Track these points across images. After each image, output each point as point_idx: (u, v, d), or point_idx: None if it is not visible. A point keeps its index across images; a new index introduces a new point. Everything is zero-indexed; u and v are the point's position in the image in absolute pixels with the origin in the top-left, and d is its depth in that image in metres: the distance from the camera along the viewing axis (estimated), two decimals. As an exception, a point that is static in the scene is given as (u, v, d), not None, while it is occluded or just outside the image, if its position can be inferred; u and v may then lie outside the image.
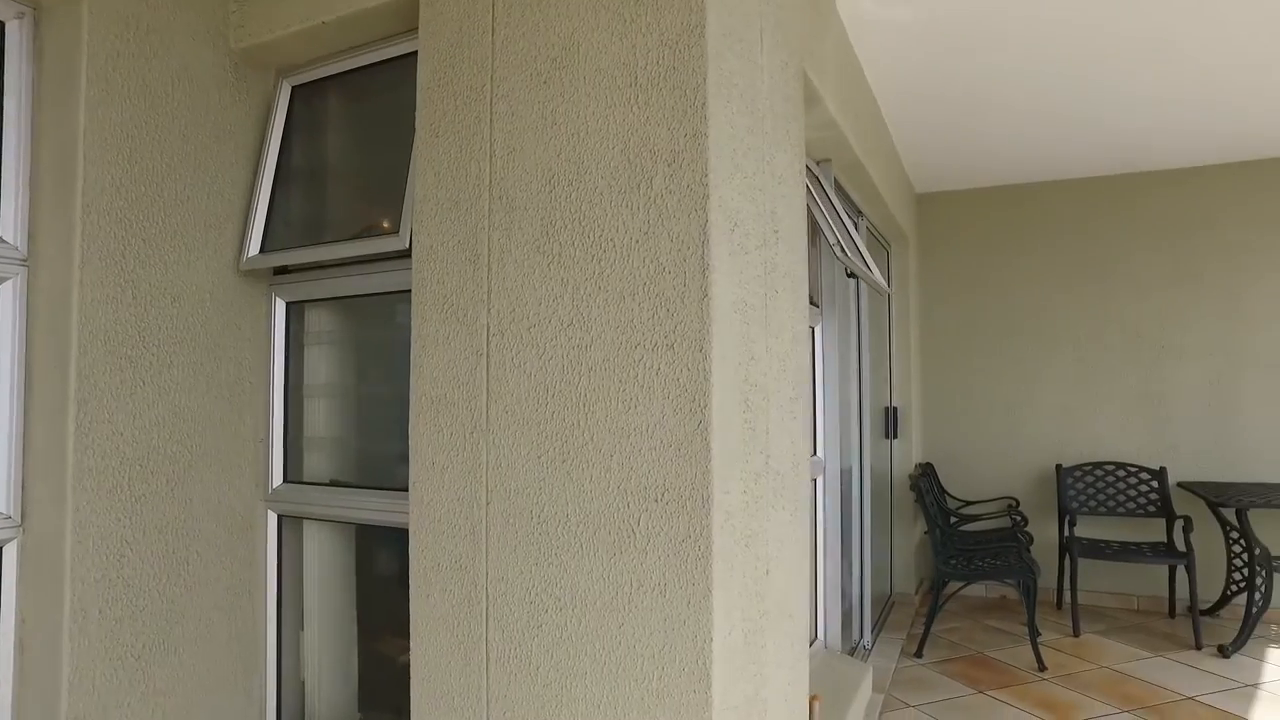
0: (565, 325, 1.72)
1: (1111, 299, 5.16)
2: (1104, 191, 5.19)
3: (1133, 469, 5.01)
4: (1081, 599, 5.04)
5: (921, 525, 5.09)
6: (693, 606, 1.57)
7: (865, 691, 3.25)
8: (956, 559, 4.49)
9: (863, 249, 3.28)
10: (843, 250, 2.41)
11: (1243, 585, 4.41)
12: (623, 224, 1.67)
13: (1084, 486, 5.08)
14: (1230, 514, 4.34)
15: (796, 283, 2.17)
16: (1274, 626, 4.64)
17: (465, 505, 1.82)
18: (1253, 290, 4.86)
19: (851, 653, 4.08)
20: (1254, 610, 4.19)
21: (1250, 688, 3.80)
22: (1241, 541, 4.41)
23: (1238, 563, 4.55)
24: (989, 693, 3.77)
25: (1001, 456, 5.38)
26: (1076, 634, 4.54)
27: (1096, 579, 5.00)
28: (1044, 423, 5.29)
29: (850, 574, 4.29)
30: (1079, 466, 5.11)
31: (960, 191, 5.54)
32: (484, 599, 1.79)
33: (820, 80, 2.66)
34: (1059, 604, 5.03)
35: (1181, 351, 5.00)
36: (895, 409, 5.19)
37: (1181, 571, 4.57)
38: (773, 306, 1.94)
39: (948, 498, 5.39)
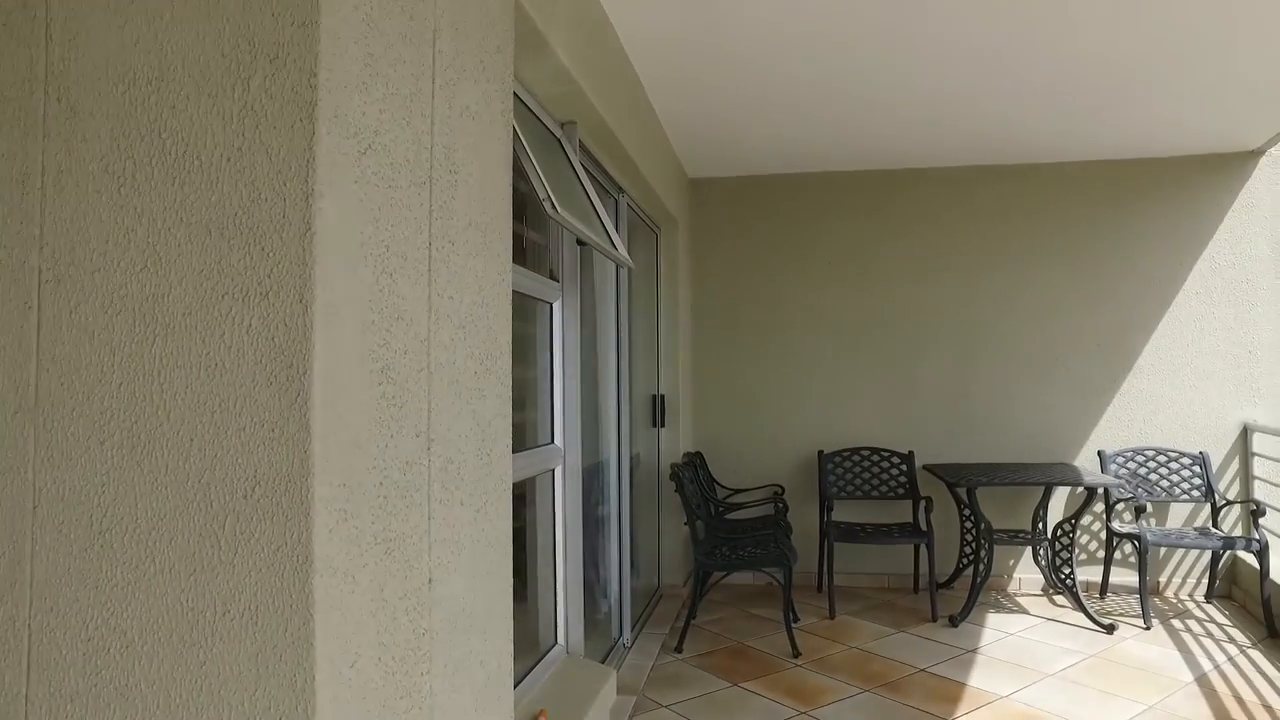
0: (138, 269, 1.29)
1: (870, 290, 5.37)
2: (863, 186, 5.38)
3: (886, 453, 5.23)
4: (840, 580, 5.20)
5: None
6: (291, 635, 1.20)
7: (607, 696, 3.03)
8: (721, 548, 4.43)
9: (604, 218, 3.05)
10: (553, 206, 2.13)
11: (972, 558, 4.70)
12: (212, 136, 1.27)
13: (843, 472, 5.24)
14: (963, 493, 4.60)
15: (491, 238, 1.86)
16: (994, 594, 5.01)
17: (3, 513, 1.34)
18: (987, 284, 5.23)
19: (608, 653, 3.87)
20: (978, 580, 4.47)
21: (971, 653, 4.02)
22: (972, 518, 4.70)
23: (969, 537, 4.85)
24: (743, 684, 3.69)
25: (769, 444, 5.44)
26: (833, 616, 4.63)
27: (854, 561, 5.17)
28: (809, 410, 5.41)
29: (609, 570, 4.09)
30: (839, 452, 5.27)
31: (732, 178, 5.55)
32: (25, 641, 1.32)
33: (544, 20, 2.38)
34: (820, 587, 5.15)
35: (929, 341, 5.29)
36: (663, 397, 5.08)
37: (925, 549, 4.79)
38: (443, 260, 1.62)
39: (717, 486, 5.37)
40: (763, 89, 3.97)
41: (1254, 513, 4.40)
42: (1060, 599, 4.84)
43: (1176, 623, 4.47)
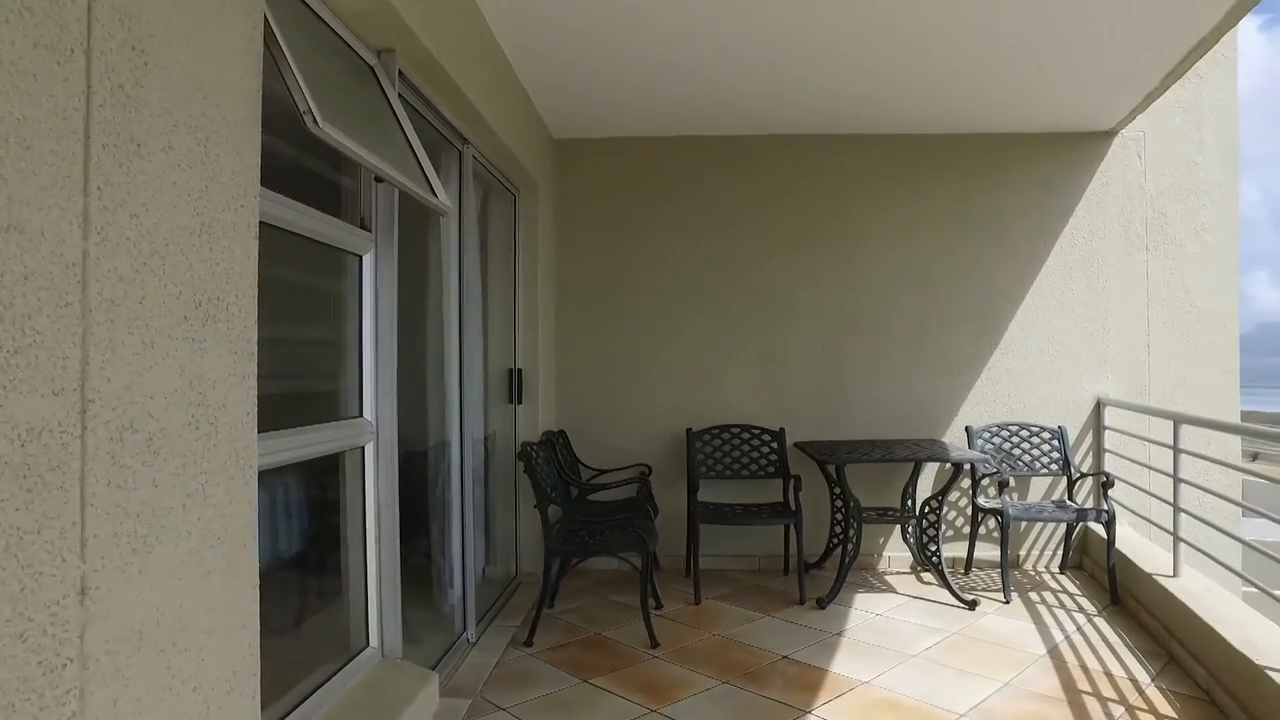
0: None
1: (742, 260, 5.15)
2: (736, 151, 5.15)
3: (756, 431, 5.04)
4: (709, 564, 4.99)
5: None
6: None
7: (426, 703, 2.66)
8: (581, 533, 4.11)
9: (422, 159, 2.65)
10: (314, 120, 1.72)
11: (841, 538, 4.58)
12: None
13: (712, 450, 5.02)
14: (832, 471, 4.45)
15: (216, 150, 1.44)
16: (864, 573, 4.92)
17: None
18: (859, 255, 5.10)
19: (448, 651, 3.49)
20: (846, 561, 4.33)
21: (836, 636, 3.86)
22: (841, 497, 4.57)
23: (839, 516, 4.73)
24: (594, 680, 3.39)
25: (637, 422, 5.16)
26: (698, 602, 4.40)
27: (723, 542, 4.97)
28: (679, 386, 5.15)
29: (450, 559, 3.71)
30: (708, 430, 5.04)
31: (601, 140, 5.21)
32: None
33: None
34: (688, 571, 4.92)
35: (801, 314, 5.12)
36: (520, 371, 4.71)
37: (794, 529, 4.62)
38: (119, 165, 1.20)
39: (581, 467, 5.05)
40: (628, 38, 3.64)
41: (1104, 484, 4.45)
42: (928, 576, 4.79)
43: (1034, 595, 4.48)
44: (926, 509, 4.47)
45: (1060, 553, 4.95)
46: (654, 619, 3.87)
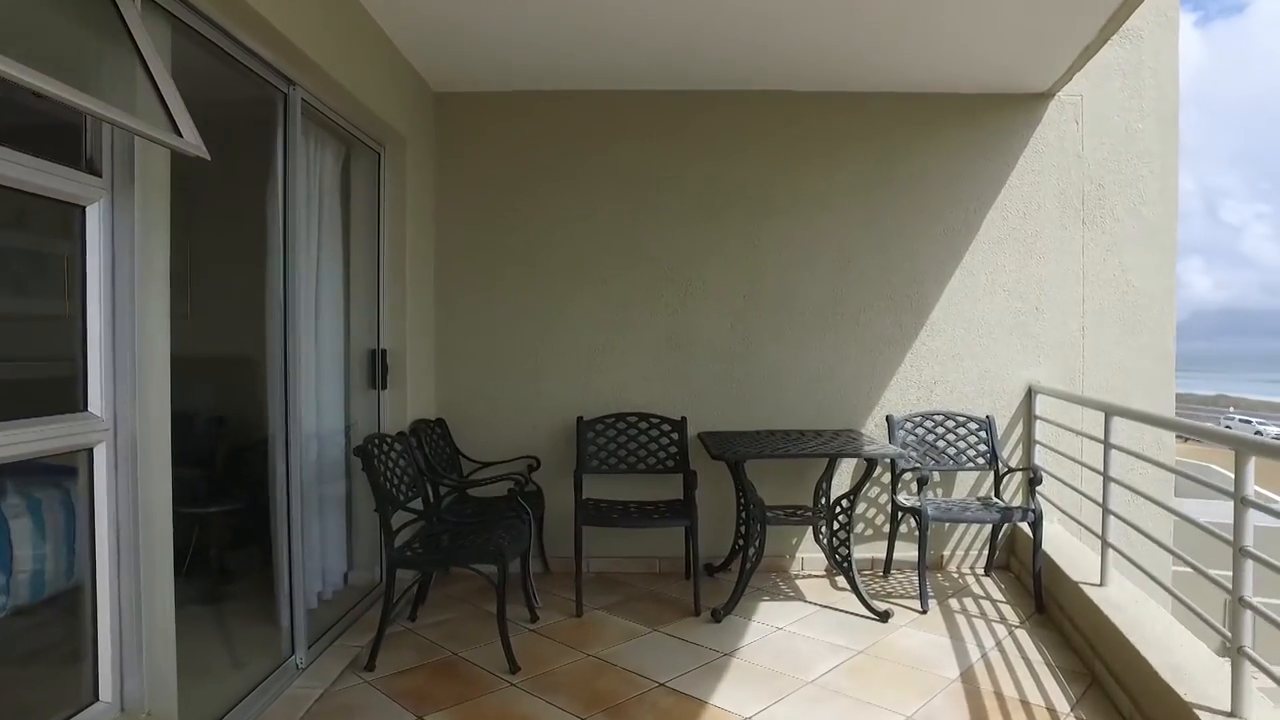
0: None
1: (644, 232, 4.62)
2: (641, 108, 4.60)
3: (655, 420, 4.54)
4: (604, 566, 4.53)
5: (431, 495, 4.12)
6: None
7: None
8: (442, 538, 3.59)
9: (166, 94, 2.07)
10: None
11: (744, 540, 4.11)
12: None
13: (606, 441, 4.51)
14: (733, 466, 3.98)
15: None
16: (774, 576, 4.47)
17: None
18: (773, 227, 4.61)
19: (265, 679, 2.94)
20: (747, 567, 3.87)
21: (727, 657, 3.39)
22: (743, 495, 4.11)
23: (744, 515, 4.26)
24: (430, 716, 2.88)
25: (527, 408, 4.63)
26: (580, 613, 3.91)
27: (619, 543, 4.47)
28: (573, 369, 4.63)
29: (279, 573, 3.16)
30: (602, 419, 4.53)
31: (489, 94, 4.62)
32: None
33: None
34: (578, 575, 4.45)
35: (708, 291, 4.62)
36: (385, 353, 4.14)
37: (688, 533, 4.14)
38: None
39: (463, 459, 4.51)
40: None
41: (1031, 481, 4.05)
42: (843, 580, 4.36)
43: (954, 602, 4.07)
44: (838, 509, 4.03)
45: (986, 553, 4.56)
46: (525, 636, 3.38)
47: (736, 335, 4.62)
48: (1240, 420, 56.64)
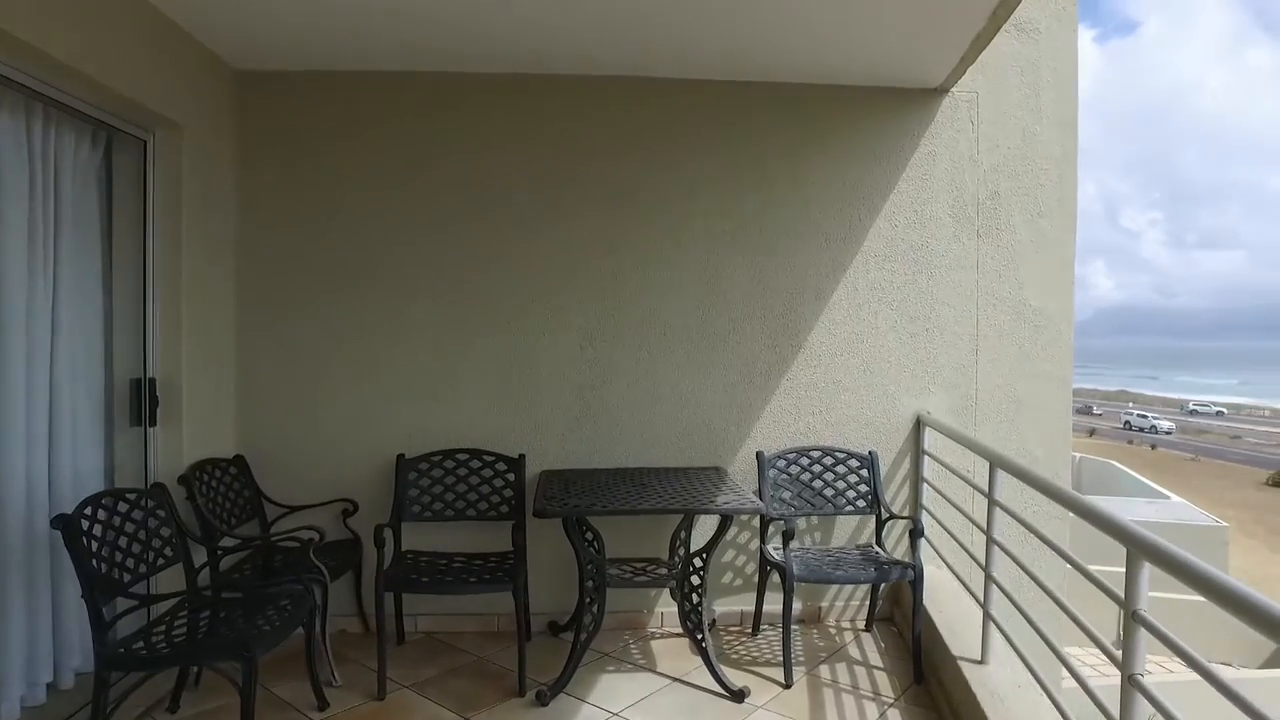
0: None
1: (483, 241, 3.98)
2: (479, 92, 3.96)
3: (489, 459, 3.91)
4: (432, 625, 3.92)
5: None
6: None
7: None
8: (208, 615, 2.89)
9: None
10: None
11: (581, 604, 3.50)
12: None
13: (430, 483, 3.85)
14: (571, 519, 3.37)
15: None
16: (627, 637, 3.89)
17: None
18: (631, 236, 4.02)
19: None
20: (582, 638, 3.27)
21: (533, 768, 2.80)
22: (594, 545, 3.52)
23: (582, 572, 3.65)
24: None
25: (346, 442, 3.94)
26: (382, 694, 3.25)
27: (446, 597, 3.81)
28: (399, 397, 3.96)
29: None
30: (426, 457, 3.87)
31: (305, 74, 3.92)
32: None
33: None
34: (400, 638, 3.80)
35: (556, 309, 4.01)
36: (153, 382, 3.41)
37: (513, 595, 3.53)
38: None
39: (266, 503, 3.81)
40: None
41: (913, 533, 3.55)
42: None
43: (825, 670, 3.55)
44: (690, 569, 3.46)
45: (867, 605, 4.06)
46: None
47: (588, 359, 4.02)
48: (1139, 415, 59.28)
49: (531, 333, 3.99)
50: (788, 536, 3.49)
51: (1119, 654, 1.90)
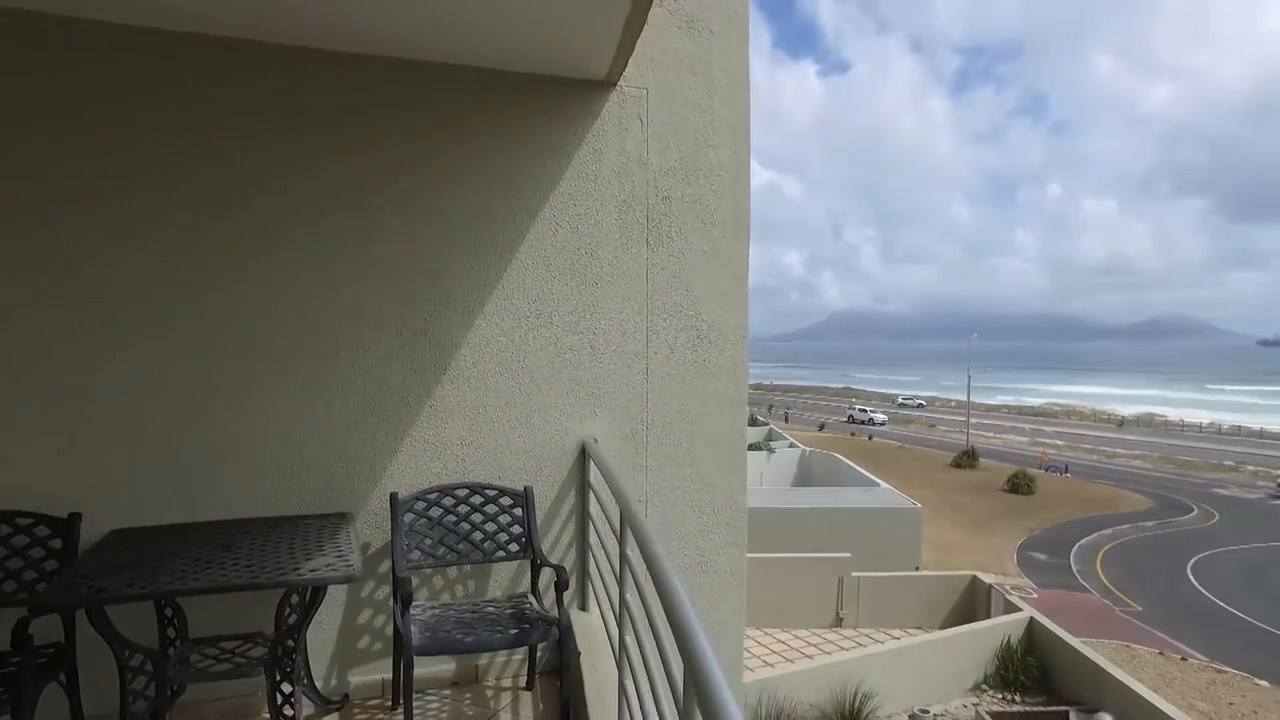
0: None
1: (24, 236, 2.96)
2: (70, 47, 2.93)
3: (25, 520, 2.90)
4: None
5: None
6: None
7: None
8: None
9: None
10: None
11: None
12: None
13: (-89, 564, 2.78)
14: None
15: None
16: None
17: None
18: (238, 238, 3.20)
19: None
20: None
21: None
22: (175, 624, 2.67)
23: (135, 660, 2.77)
24: None
25: None
26: None
27: None
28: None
29: None
30: (-93, 527, 2.79)
31: None
32: None
33: None
34: None
35: (136, 325, 3.09)
36: None
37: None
38: None
39: None
40: None
41: (557, 584, 3.10)
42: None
43: (464, 753, 3.00)
44: (280, 650, 2.73)
45: (527, 663, 3.57)
46: None
47: (180, 387, 3.14)
48: (859, 409, 67.24)
49: (102, 356, 3.03)
50: (406, 601, 2.88)
51: None
